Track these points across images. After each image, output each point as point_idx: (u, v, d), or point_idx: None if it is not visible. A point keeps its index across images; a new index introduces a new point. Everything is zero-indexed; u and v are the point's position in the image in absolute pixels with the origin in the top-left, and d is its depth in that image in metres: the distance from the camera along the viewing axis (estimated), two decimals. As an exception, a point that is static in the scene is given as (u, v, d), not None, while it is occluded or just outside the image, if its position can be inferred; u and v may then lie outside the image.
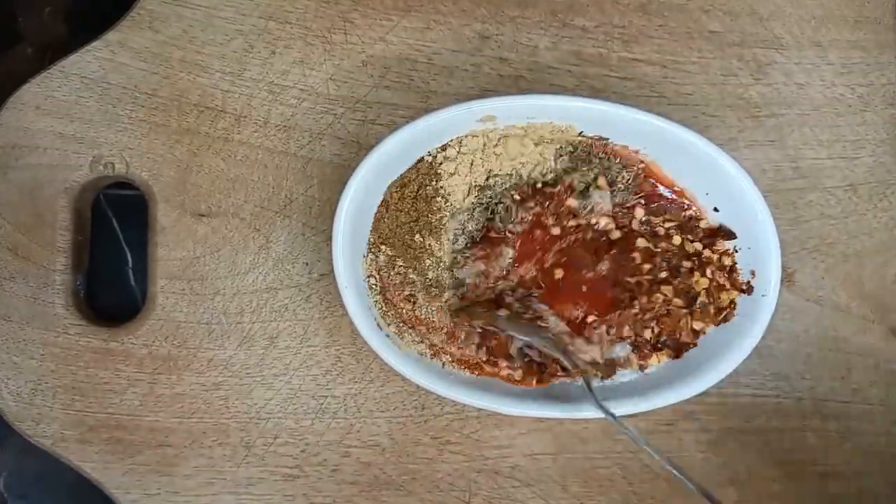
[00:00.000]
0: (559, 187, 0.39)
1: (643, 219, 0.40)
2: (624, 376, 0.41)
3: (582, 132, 0.39)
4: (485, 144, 0.40)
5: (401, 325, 0.40)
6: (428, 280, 0.40)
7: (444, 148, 0.39)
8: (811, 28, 0.44)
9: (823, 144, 0.44)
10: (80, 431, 0.42)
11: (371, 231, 0.40)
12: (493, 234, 0.39)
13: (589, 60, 0.43)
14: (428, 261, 0.40)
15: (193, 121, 0.43)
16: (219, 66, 0.43)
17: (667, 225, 0.40)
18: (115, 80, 0.43)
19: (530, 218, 0.39)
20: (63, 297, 0.42)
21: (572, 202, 0.39)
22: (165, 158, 0.43)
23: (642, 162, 0.40)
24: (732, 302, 0.40)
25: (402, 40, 0.43)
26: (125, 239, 0.46)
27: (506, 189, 0.40)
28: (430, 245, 0.40)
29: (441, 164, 0.40)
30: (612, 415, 0.37)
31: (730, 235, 0.39)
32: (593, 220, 0.39)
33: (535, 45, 0.43)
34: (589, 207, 0.39)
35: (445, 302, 0.40)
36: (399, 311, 0.40)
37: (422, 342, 0.40)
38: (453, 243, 0.40)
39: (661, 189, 0.40)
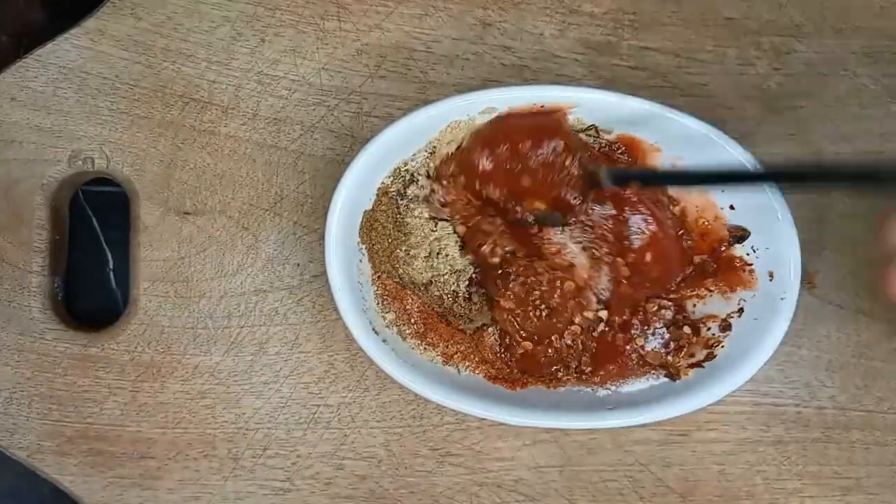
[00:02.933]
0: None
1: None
2: (634, 385, 0.40)
3: (592, 125, 0.38)
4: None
5: (405, 330, 0.39)
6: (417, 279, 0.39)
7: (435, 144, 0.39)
8: (833, 14, 0.43)
9: (846, 138, 0.43)
10: (58, 442, 0.41)
11: (359, 231, 0.39)
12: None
13: (597, 49, 0.42)
14: (411, 262, 0.39)
15: (178, 113, 0.42)
16: (205, 54, 0.42)
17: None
18: (95, 69, 0.42)
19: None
20: (40, 299, 0.42)
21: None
22: (148, 153, 0.42)
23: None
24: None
25: (399, 28, 0.42)
26: (106, 238, 0.45)
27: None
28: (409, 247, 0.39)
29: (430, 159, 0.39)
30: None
31: (742, 236, 0.38)
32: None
33: (540, 33, 0.42)
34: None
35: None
36: (406, 317, 0.39)
37: (433, 350, 0.39)
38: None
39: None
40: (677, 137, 0.37)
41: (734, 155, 0.37)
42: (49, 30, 0.43)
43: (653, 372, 0.40)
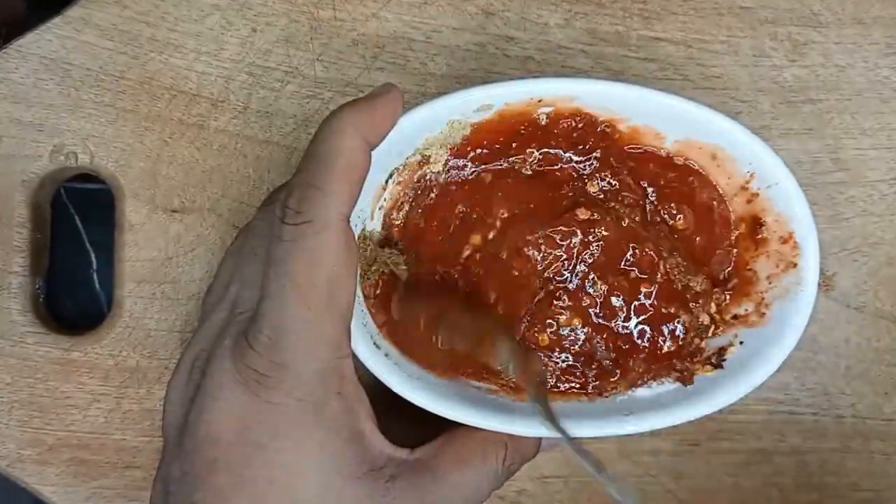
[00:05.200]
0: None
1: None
2: (650, 388, 0.39)
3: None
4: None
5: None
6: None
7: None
8: (853, 3, 0.42)
9: (866, 133, 0.42)
10: (39, 451, 0.40)
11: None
12: None
13: (605, 39, 0.41)
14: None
15: (165, 106, 0.41)
16: (193, 45, 0.41)
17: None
18: (79, 60, 0.41)
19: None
20: (20, 302, 0.41)
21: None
22: (134, 148, 0.41)
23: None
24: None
25: (398, 17, 0.41)
26: (89, 238, 0.44)
27: None
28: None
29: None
30: (566, 435, 0.32)
31: None
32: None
33: (545, 23, 0.41)
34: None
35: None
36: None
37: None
38: None
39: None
40: (690, 130, 0.36)
41: (750, 145, 0.36)
42: (31, 19, 0.42)
43: (665, 377, 0.38)
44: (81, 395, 0.41)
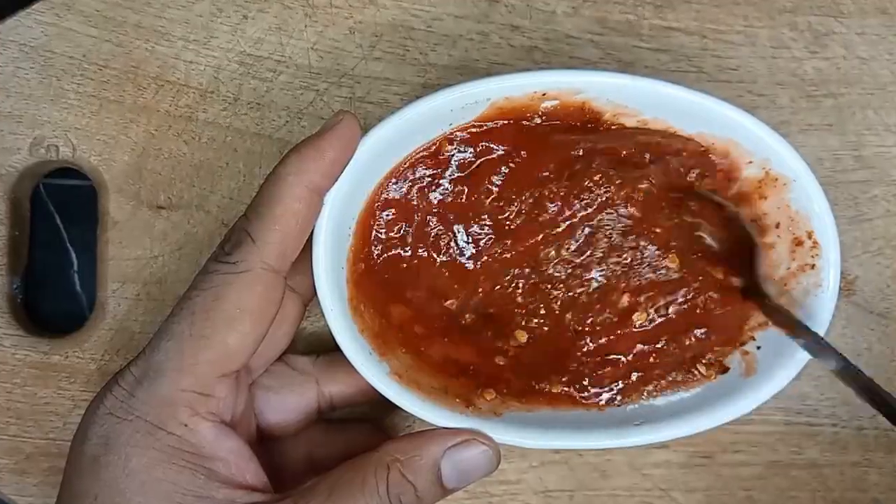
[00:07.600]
0: None
1: None
2: (651, 399, 0.38)
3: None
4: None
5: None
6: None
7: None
8: (877, -8, 0.41)
9: (891, 129, 0.41)
10: (17, 460, 0.40)
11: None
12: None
13: (616, 29, 0.40)
14: None
15: (151, 97, 0.40)
16: (181, 32, 0.40)
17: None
18: (61, 48, 0.40)
19: None
20: (-3, 302, 0.40)
21: None
22: (118, 141, 0.40)
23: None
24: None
25: (397, 4, 0.40)
26: (69, 236, 0.43)
27: None
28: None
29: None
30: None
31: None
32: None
33: (552, 11, 0.40)
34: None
35: None
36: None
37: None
38: None
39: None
40: (704, 125, 0.36)
41: (766, 141, 0.35)
42: (9, 4, 0.41)
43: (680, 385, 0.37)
44: (62, 402, 0.40)
